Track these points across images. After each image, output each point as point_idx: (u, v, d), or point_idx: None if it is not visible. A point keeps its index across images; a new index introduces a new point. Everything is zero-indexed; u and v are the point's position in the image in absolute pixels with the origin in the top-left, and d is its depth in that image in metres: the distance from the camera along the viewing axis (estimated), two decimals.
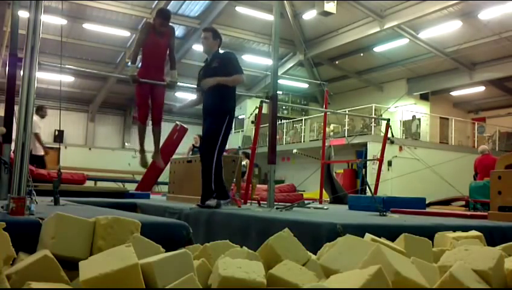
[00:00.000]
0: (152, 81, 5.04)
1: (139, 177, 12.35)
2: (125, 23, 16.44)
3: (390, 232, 2.57)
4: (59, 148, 14.21)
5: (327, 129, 10.73)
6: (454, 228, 2.95)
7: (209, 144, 4.31)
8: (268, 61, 11.28)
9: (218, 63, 4.45)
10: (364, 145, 15.46)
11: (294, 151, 14.06)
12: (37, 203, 2.60)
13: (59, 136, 17.86)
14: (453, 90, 18.88)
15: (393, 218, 3.90)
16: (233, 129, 21.41)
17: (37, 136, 7.98)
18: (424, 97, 19.11)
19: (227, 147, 4.76)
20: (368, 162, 13.47)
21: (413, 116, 17.42)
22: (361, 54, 18.06)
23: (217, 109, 4.38)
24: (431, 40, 15.83)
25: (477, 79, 17.09)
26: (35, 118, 7.81)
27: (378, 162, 7.91)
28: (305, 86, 21.09)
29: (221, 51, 4.63)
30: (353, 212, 4.99)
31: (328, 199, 8.29)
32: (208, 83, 4.41)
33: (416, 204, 5.66)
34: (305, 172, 12.56)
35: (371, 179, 9.15)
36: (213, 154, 4.28)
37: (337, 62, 19.41)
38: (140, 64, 5.26)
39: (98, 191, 6.82)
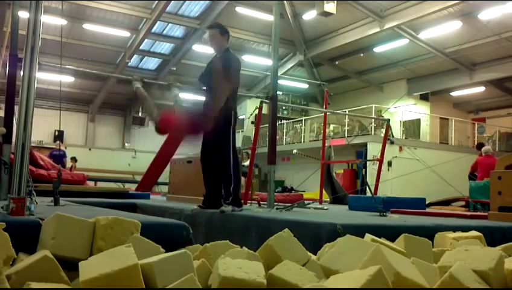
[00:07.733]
0: (160, 82, 5.22)
1: (139, 178, 12.35)
2: (125, 24, 16.44)
3: (390, 233, 2.57)
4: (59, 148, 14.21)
5: (327, 129, 10.72)
6: (454, 228, 2.96)
7: (225, 145, 4.03)
8: (268, 62, 11.25)
9: (221, 64, 4.07)
10: (364, 145, 15.45)
11: (294, 151, 14.07)
12: (37, 203, 2.60)
13: (59, 137, 17.90)
14: (453, 91, 18.86)
15: (393, 218, 3.90)
16: None
17: None
18: (424, 97, 19.09)
19: None
20: (368, 163, 13.46)
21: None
22: (361, 54, 18.05)
23: (222, 110, 4.04)
24: (431, 40, 15.82)
25: (477, 79, 17.08)
26: None
27: (378, 162, 7.91)
28: (305, 86, 21.07)
29: (231, 51, 4.26)
30: (353, 212, 4.99)
31: (328, 200, 8.28)
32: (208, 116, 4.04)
33: (416, 204, 5.66)
34: (305, 172, 12.58)
35: (371, 180, 9.13)
36: (229, 155, 4.01)
37: (337, 62, 19.40)
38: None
39: (98, 191, 6.81)
